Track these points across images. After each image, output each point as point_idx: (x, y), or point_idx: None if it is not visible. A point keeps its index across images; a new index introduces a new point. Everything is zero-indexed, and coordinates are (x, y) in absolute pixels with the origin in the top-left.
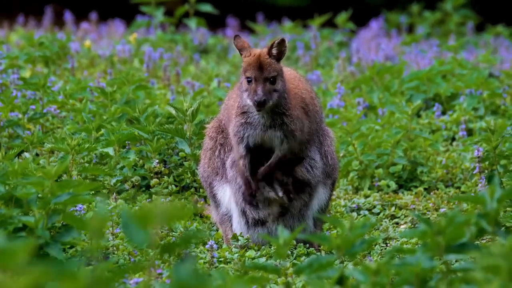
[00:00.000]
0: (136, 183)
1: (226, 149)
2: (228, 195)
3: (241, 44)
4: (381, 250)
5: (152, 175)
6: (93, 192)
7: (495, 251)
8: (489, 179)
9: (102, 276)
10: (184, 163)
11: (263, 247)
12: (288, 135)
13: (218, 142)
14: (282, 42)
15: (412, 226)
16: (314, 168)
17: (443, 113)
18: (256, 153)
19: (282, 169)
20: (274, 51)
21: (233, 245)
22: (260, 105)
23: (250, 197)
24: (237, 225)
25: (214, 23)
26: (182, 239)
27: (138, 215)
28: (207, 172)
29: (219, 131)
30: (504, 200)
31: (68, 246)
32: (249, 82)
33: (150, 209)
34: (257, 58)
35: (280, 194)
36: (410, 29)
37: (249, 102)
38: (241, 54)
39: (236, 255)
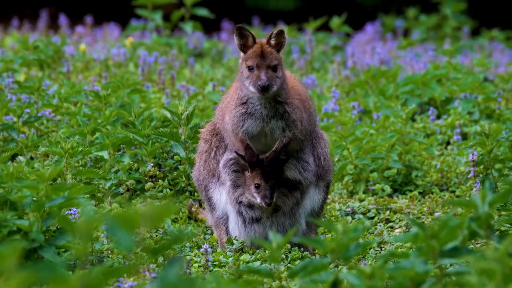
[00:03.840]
0: (131, 187)
1: (221, 151)
2: (224, 197)
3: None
4: (376, 254)
5: (146, 178)
6: (88, 195)
7: (489, 255)
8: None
9: (93, 278)
10: (179, 166)
11: (257, 250)
12: (290, 125)
13: (213, 144)
14: (280, 33)
15: (407, 230)
16: (307, 170)
17: (438, 117)
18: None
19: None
20: (272, 41)
21: (228, 249)
22: (264, 89)
23: (253, 158)
24: (234, 225)
25: (209, 27)
26: (168, 241)
27: (123, 218)
28: (202, 175)
29: (213, 134)
30: (496, 204)
31: (63, 249)
32: (250, 70)
33: (135, 212)
34: (258, 47)
35: (258, 200)
36: (406, 33)
37: (251, 88)
38: (241, 46)
39: (231, 258)
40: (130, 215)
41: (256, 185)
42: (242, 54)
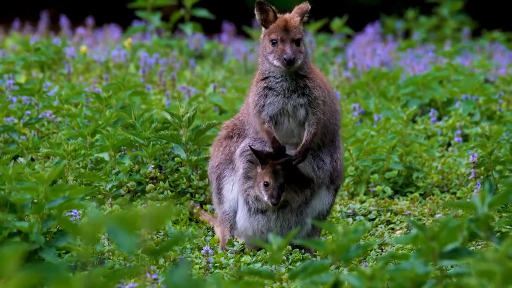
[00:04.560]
0: (132, 189)
1: (241, 139)
2: (236, 189)
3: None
4: (377, 255)
5: (147, 180)
6: (88, 197)
7: (489, 257)
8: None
9: (95, 281)
10: (180, 168)
11: (258, 252)
12: (312, 102)
13: (235, 131)
14: (305, 7)
15: (408, 231)
16: (321, 169)
17: (439, 118)
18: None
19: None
20: (296, 15)
21: (229, 250)
22: (290, 63)
23: (279, 149)
24: (240, 212)
25: (210, 28)
26: (168, 242)
27: (124, 220)
28: (219, 160)
29: (235, 124)
30: (496, 205)
31: (64, 251)
32: (274, 44)
33: (136, 214)
34: (282, 20)
35: (265, 198)
36: (406, 34)
37: (276, 62)
38: (262, 21)
39: (232, 260)
40: (131, 217)
41: (265, 183)
42: (263, 29)
